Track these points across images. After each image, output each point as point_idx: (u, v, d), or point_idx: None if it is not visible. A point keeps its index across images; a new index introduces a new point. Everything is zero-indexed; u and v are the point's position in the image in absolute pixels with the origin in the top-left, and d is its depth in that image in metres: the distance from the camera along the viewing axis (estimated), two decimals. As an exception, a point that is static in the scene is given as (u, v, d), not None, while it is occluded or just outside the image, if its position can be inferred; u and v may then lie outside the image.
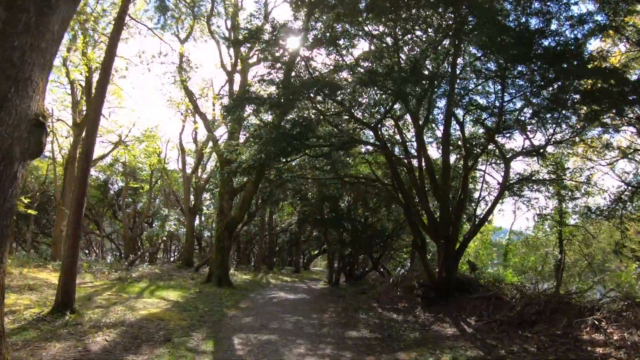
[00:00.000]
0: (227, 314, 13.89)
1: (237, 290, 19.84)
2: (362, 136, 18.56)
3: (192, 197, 33.19)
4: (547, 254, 24.50)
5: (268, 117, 17.31)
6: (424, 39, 15.07)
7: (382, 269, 29.78)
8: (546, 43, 12.97)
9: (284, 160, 15.92)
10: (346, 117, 15.08)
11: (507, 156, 16.46)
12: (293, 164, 20.04)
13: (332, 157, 17.31)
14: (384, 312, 14.65)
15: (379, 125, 15.68)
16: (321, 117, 14.64)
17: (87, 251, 40.96)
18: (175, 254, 43.93)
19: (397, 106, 16.64)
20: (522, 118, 15.31)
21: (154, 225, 29.59)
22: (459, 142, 17.57)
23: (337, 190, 22.64)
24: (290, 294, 20.04)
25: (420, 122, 15.70)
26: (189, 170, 31.62)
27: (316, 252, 49.21)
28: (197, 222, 37.37)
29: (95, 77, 27.16)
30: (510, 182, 17.03)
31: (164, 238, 28.04)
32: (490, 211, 16.00)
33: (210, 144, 27.31)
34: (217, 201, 23.73)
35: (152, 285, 19.60)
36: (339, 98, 14.43)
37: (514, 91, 14.83)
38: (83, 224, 36.14)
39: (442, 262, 14.06)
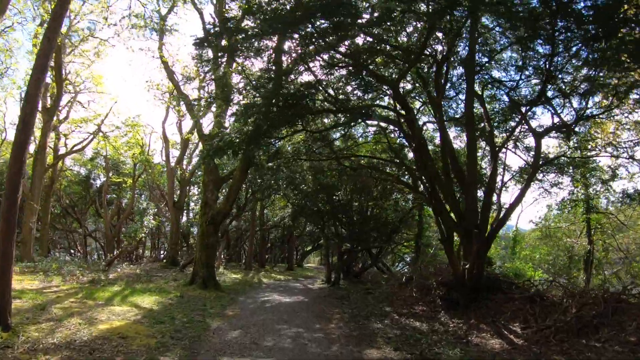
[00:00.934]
0: (209, 325, 10.92)
1: (224, 293, 16.85)
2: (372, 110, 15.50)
3: (177, 190, 29.95)
4: (571, 245, 21.66)
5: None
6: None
7: (381, 265, 26.97)
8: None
9: (277, 135, 12.79)
10: (355, 83, 11.85)
11: (539, 131, 13.72)
12: (288, 148, 17.06)
13: (336, 136, 14.21)
14: (402, 318, 11.74)
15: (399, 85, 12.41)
16: (325, 77, 11.45)
17: (72, 251, 37.81)
18: (163, 252, 40.64)
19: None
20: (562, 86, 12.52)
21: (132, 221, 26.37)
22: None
23: (335, 179, 19.64)
24: (285, 295, 17.04)
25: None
26: (173, 162, 28.40)
27: (310, 248, 46.34)
28: (184, 218, 34.24)
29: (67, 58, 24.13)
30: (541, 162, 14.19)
31: (143, 235, 24.78)
32: (522, 195, 13.14)
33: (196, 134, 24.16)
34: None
35: (127, 289, 16.74)
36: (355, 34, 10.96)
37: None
38: (50, 219, 32.60)
39: (475, 256, 11.12)
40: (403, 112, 12.89)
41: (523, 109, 13.77)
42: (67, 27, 25.02)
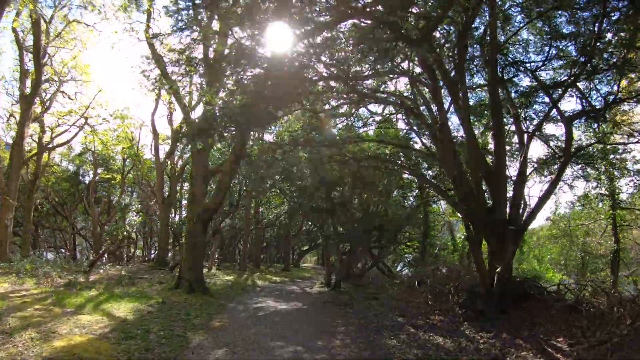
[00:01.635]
0: (189, 342, 8.96)
1: (213, 299, 14.90)
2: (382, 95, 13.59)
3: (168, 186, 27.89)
4: (588, 244, 19.79)
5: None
6: None
7: (382, 266, 25.03)
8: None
9: (272, 113, 10.75)
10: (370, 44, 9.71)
11: (569, 116, 11.87)
12: (285, 138, 15.11)
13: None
14: (419, 332, 9.78)
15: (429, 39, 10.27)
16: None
17: (62, 250, 35.66)
18: (154, 252, 38.46)
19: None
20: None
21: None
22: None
23: (336, 172, 17.65)
24: (281, 301, 15.04)
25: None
26: (162, 156, 26.30)
27: (307, 247, 44.32)
28: (176, 216, 32.16)
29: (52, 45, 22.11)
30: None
31: (125, 233, 22.69)
32: (554, 186, 11.25)
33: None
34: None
35: (105, 294, 14.80)
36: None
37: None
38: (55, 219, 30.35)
39: (509, 258, 9.17)
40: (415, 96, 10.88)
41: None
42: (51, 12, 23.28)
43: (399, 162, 16.24)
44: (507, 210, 10.39)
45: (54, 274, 17.20)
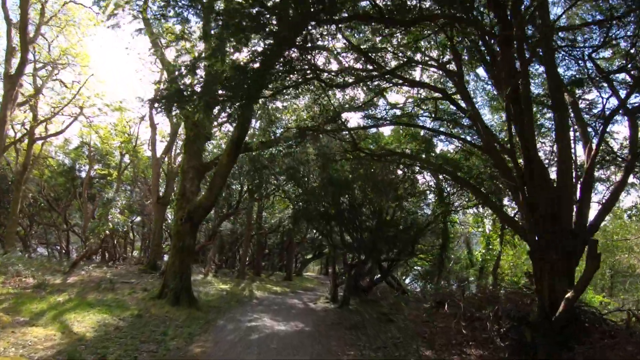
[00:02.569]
0: (152, 379, 6.55)
1: (200, 312, 12.60)
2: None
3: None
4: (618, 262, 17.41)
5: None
6: None
7: (392, 280, 22.57)
8: None
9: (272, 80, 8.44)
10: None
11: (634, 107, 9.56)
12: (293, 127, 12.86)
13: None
14: (457, 374, 7.34)
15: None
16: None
17: (57, 247, 33.49)
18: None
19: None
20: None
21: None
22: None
23: (348, 173, 15.32)
24: (280, 319, 12.66)
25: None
26: (159, 152, 24.13)
27: (311, 256, 41.77)
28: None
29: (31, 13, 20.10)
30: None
31: (107, 232, 20.37)
32: (620, 189, 8.91)
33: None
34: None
35: (75, 301, 12.58)
36: None
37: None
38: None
39: (586, 279, 6.79)
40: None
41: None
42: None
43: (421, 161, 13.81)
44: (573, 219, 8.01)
45: (26, 273, 15.12)
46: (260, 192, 20.89)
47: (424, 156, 14.58)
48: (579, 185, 9.12)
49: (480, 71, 14.17)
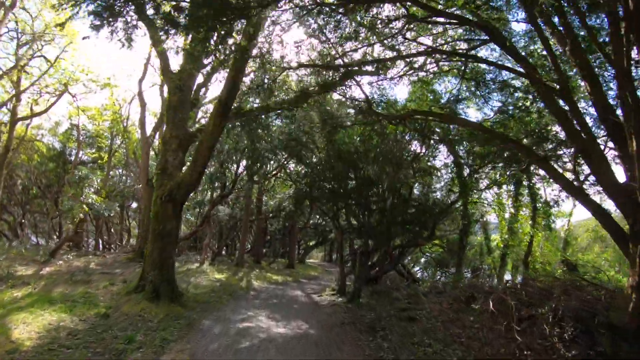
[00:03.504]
0: None
1: (183, 309, 10.41)
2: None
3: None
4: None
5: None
6: None
7: (402, 268, 20.35)
8: None
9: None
10: None
11: None
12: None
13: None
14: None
15: None
16: None
17: (54, 235, 31.41)
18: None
19: None
20: None
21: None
22: None
23: (360, 145, 12.94)
24: (280, 318, 10.42)
25: None
26: (149, 130, 21.75)
27: (314, 243, 39.57)
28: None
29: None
30: None
31: (82, 215, 18.00)
32: None
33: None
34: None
35: (35, 296, 10.48)
36: None
37: None
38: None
39: None
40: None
41: None
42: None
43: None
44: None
45: (-4, 262, 13.11)
46: (258, 169, 18.49)
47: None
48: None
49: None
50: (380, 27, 9.32)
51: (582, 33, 8.50)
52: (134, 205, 34.59)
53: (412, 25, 9.86)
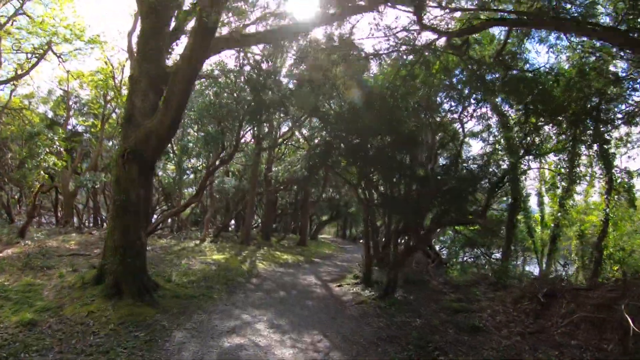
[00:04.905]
0: None
1: (151, 310, 7.23)
2: None
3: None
4: None
5: None
6: None
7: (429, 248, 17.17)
8: None
9: None
10: None
11: None
12: None
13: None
14: None
15: None
16: None
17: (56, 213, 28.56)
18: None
19: None
20: None
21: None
22: None
23: (404, 80, 9.37)
24: (287, 326, 7.27)
25: None
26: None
27: (327, 218, 36.35)
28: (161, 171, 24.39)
29: None
30: None
31: (37, 182, 14.69)
32: None
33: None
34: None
35: None
36: None
37: None
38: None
39: None
40: None
41: None
42: None
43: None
44: None
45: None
46: (265, 132, 15.08)
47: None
48: None
49: None
50: None
51: None
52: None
53: None
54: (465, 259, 20.25)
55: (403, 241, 11.59)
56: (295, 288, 10.63)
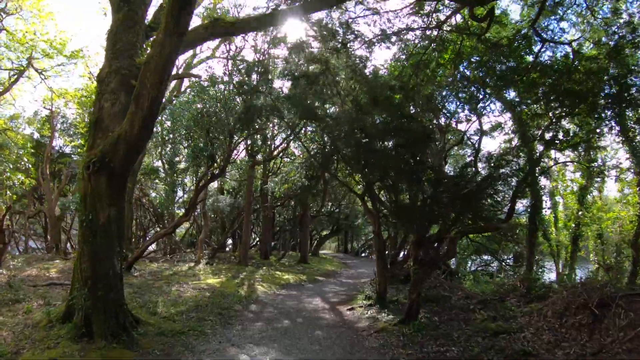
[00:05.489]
0: None
1: (131, 355, 5.69)
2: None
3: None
4: None
5: None
6: None
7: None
8: None
9: None
10: None
11: None
12: None
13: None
14: None
15: None
16: None
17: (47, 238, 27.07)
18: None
19: None
20: None
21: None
22: None
23: (417, 68, 8.16)
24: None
25: None
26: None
27: (327, 232, 34.86)
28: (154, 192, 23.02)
29: None
30: None
31: (3, 204, 13.12)
32: None
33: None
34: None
35: None
36: None
37: None
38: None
39: None
40: None
41: None
42: None
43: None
44: None
45: None
46: (258, 143, 13.78)
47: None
48: None
49: None
50: None
51: None
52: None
53: None
54: (475, 267, 18.89)
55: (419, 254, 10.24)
56: (300, 314, 9.20)
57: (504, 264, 16.27)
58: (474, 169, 9.09)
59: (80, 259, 6.52)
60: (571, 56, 8.73)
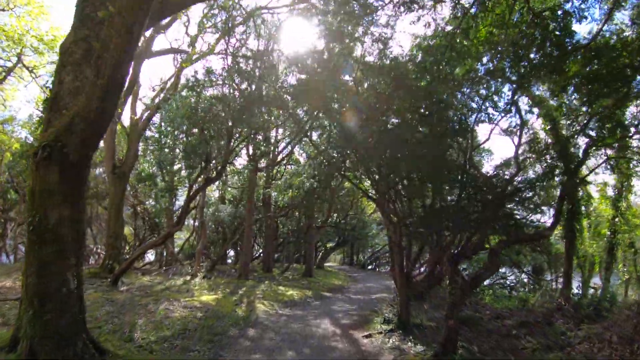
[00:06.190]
0: None
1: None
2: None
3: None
4: None
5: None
6: None
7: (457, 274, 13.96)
8: None
9: None
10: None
11: None
12: None
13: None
14: None
15: None
16: None
17: None
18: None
19: None
20: None
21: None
22: None
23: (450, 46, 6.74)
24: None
25: None
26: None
27: (332, 245, 33.17)
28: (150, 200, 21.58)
29: None
30: None
31: None
32: None
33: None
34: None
35: None
36: None
37: None
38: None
39: None
40: None
41: None
42: None
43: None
44: None
45: None
46: (260, 144, 12.31)
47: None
48: None
49: None
50: None
51: None
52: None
53: None
54: (492, 280, 17.24)
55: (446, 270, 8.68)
56: (307, 342, 7.61)
57: (527, 276, 14.64)
58: (514, 168, 7.59)
59: (27, 274, 5.05)
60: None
